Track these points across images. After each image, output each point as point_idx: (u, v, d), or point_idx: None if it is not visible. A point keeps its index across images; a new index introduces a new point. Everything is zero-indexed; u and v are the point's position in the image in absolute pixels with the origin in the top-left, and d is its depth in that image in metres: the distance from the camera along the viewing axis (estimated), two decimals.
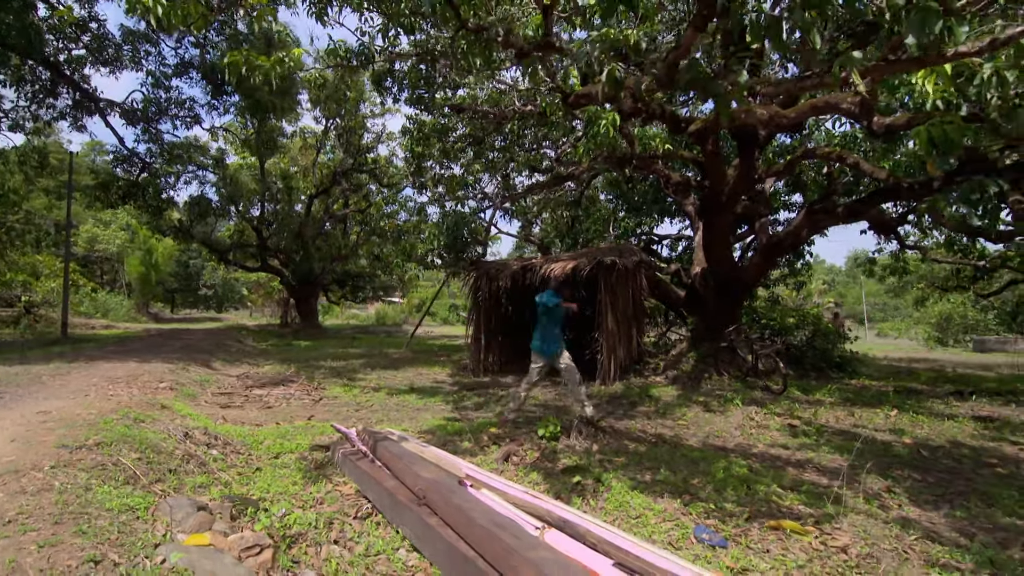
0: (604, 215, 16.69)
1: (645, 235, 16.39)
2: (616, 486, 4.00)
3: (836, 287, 76.70)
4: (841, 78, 2.69)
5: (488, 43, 4.43)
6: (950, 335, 35.19)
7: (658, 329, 16.24)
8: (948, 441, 6.56)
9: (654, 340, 15.34)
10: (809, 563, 2.90)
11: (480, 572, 2.28)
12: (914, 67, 2.86)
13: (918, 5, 2.37)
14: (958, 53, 2.53)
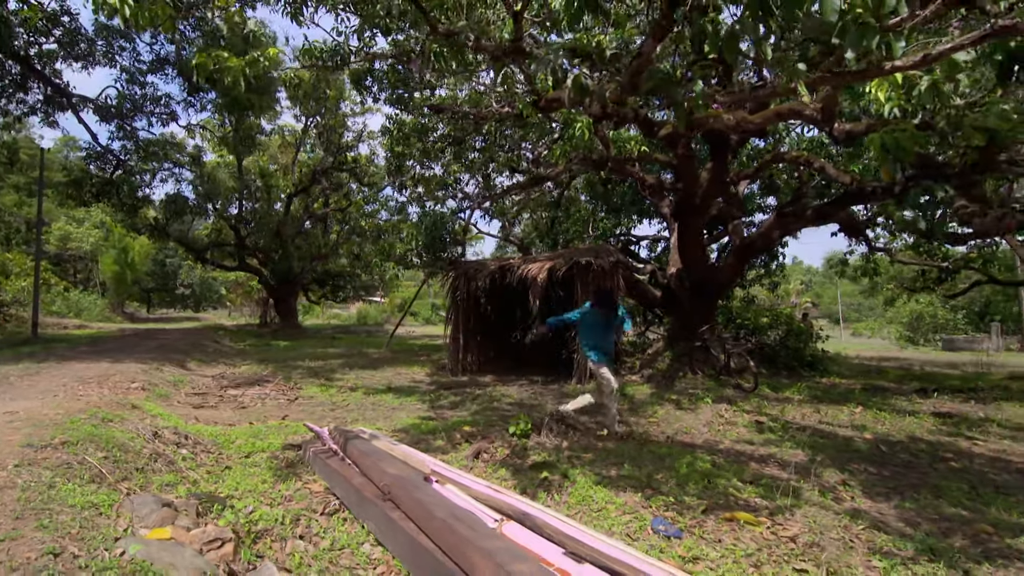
0: (584, 216, 16.87)
1: (623, 236, 16.58)
2: (581, 481, 4.11)
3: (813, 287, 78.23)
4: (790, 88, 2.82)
5: (460, 47, 4.52)
6: (921, 334, 36.13)
7: (636, 328, 16.45)
8: (907, 436, 6.80)
9: (632, 339, 15.55)
10: (758, 551, 3.03)
11: (437, 562, 2.36)
12: (856, 79, 3.02)
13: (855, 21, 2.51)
14: (895, 67, 2.68)
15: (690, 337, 11.39)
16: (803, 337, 14.15)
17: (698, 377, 10.84)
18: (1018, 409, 8.90)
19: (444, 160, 14.56)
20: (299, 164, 23.68)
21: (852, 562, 2.97)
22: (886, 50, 2.63)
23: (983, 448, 6.32)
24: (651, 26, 3.49)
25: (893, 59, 2.63)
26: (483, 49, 4.57)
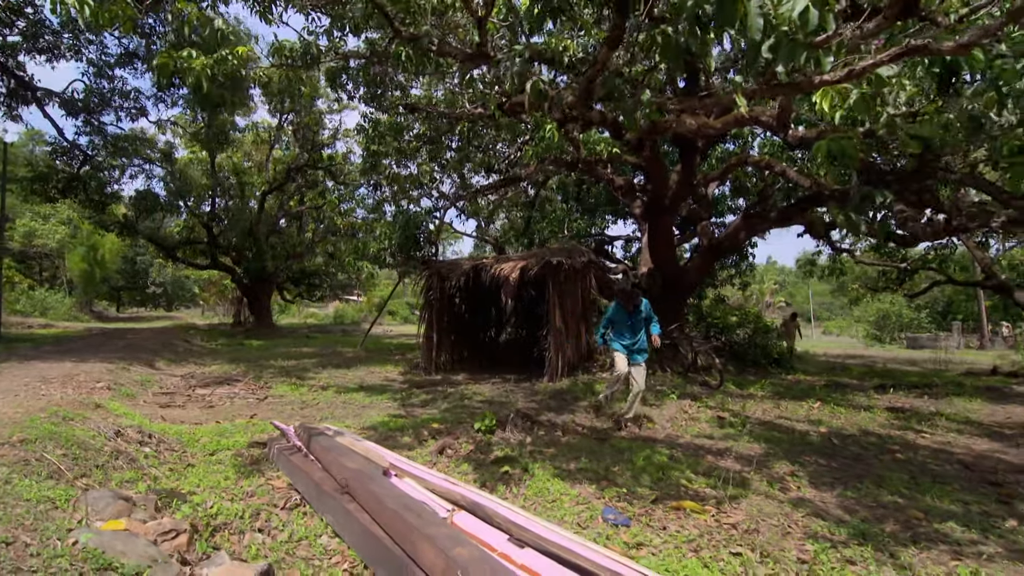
0: (559, 216, 17.05)
1: (597, 236, 16.81)
2: (539, 474, 4.25)
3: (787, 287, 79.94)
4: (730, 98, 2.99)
5: (424, 51, 4.60)
6: (887, 333, 37.24)
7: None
8: (860, 430, 7.09)
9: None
10: (699, 537, 3.20)
11: (387, 550, 2.46)
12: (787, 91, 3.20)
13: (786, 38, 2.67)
14: (823, 81, 2.86)
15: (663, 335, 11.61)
16: (771, 335, 14.57)
17: (667, 374, 11.06)
18: (967, 404, 9.32)
19: (420, 159, 14.61)
20: (274, 161, 23.42)
21: (786, 546, 3.16)
22: (815, 65, 2.80)
23: (929, 441, 6.63)
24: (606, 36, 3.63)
25: (822, 73, 2.81)
26: (447, 53, 4.67)
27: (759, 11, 2.36)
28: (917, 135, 4.17)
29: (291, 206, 23.86)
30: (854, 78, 2.82)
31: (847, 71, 2.77)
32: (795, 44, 2.66)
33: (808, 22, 2.42)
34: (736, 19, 2.38)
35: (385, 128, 13.08)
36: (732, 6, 2.40)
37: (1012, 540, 3.44)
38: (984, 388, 11.27)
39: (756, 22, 2.36)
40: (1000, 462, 5.76)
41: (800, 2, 2.38)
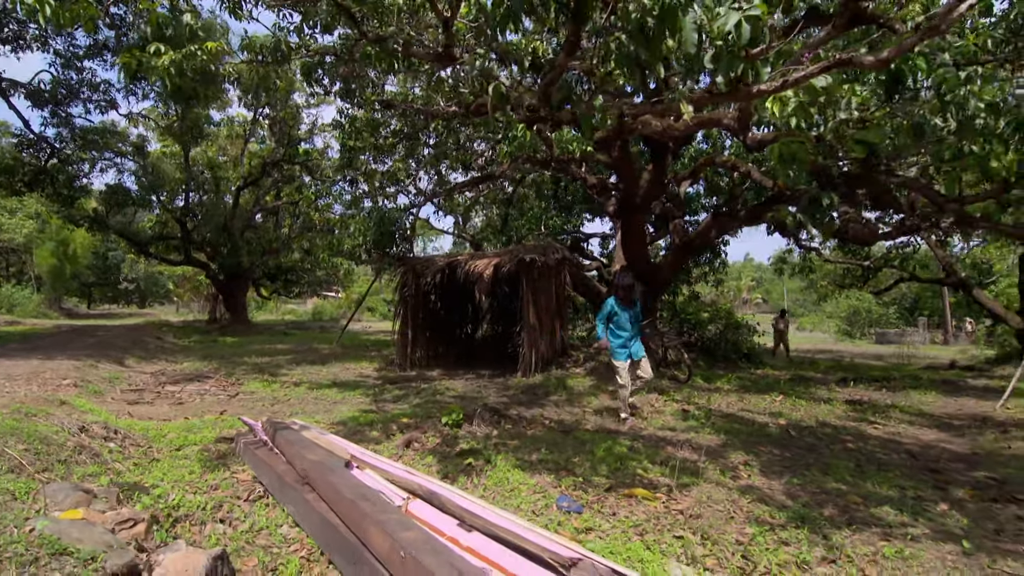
0: (537, 213, 17.20)
1: (573, 233, 16.99)
2: (500, 465, 4.38)
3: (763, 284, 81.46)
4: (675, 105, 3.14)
5: (391, 52, 4.67)
6: (857, 328, 38.28)
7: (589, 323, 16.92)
8: (817, 422, 7.38)
9: (584, 334, 16.02)
10: (645, 522, 3.37)
11: (342, 535, 2.57)
12: (729, 100, 3.37)
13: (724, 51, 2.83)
14: (760, 90, 3.03)
15: None
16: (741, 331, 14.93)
17: None
18: (922, 396, 9.72)
19: (397, 156, 14.59)
20: (249, 155, 23.12)
21: (728, 529, 3.34)
22: (754, 75, 2.97)
23: (881, 431, 6.93)
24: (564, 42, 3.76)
25: (760, 83, 2.98)
26: (414, 54, 4.75)
27: (694, 26, 2.51)
28: (862, 140, 4.39)
29: (267, 201, 23.59)
30: (789, 87, 3.00)
31: (782, 81, 2.95)
32: (733, 56, 2.82)
33: (741, 36, 2.57)
34: (675, 32, 2.52)
35: (362, 124, 13.05)
36: (671, 20, 2.54)
37: (940, 523, 3.68)
38: (940, 381, 11.74)
39: (691, 36, 2.51)
40: (944, 451, 6.07)
41: (732, 17, 2.53)
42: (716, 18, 2.60)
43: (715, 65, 2.90)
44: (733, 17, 2.55)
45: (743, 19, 2.57)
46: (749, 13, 2.56)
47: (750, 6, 2.60)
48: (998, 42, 7.27)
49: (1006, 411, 8.27)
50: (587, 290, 13.72)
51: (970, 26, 7.71)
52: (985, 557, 3.09)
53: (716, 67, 2.88)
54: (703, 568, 2.80)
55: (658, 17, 2.52)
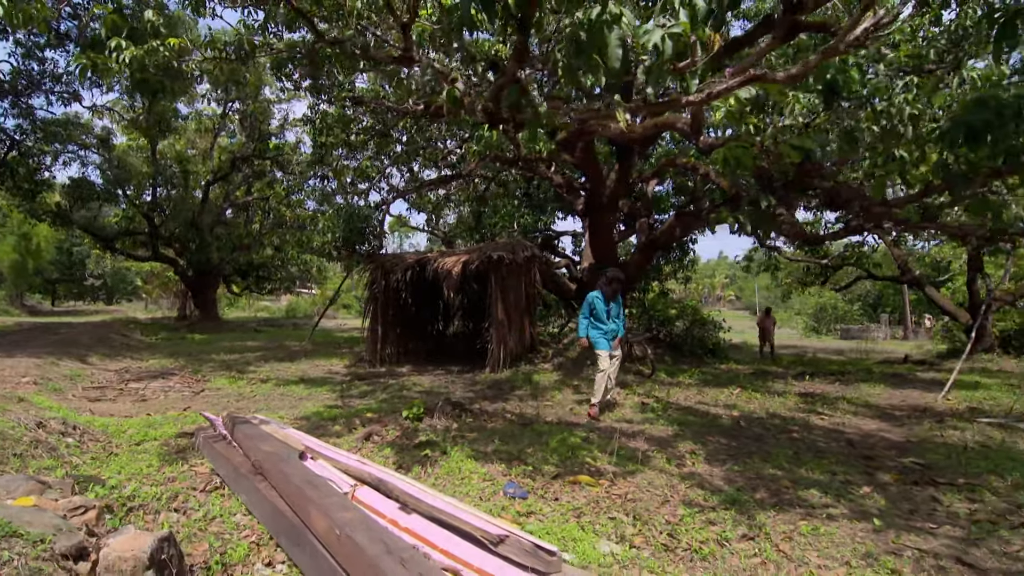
0: (509, 211, 17.38)
1: (544, 231, 17.21)
2: (455, 455, 4.55)
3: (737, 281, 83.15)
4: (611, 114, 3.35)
5: (349, 54, 4.78)
6: (823, 324, 39.48)
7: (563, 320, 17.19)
8: (768, 413, 7.70)
9: (557, 330, 16.27)
10: (585, 506, 3.58)
11: (288, 520, 2.71)
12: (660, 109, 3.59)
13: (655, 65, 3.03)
14: (688, 101, 3.25)
15: None
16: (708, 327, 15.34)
17: None
18: (871, 389, 10.17)
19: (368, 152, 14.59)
20: (219, 150, 22.78)
21: (660, 511, 3.57)
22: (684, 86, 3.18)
23: (826, 422, 7.28)
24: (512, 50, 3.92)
25: (689, 94, 3.19)
26: (372, 57, 4.87)
27: (618, 42, 2.70)
28: (798, 146, 4.66)
29: (238, 196, 23.29)
30: (713, 99, 3.22)
31: (707, 93, 3.17)
32: (662, 69, 3.02)
33: (664, 51, 2.78)
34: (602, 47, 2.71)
35: (333, 120, 13.03)
36: (599, 36, 2.73)
37: (859, 504, 3.96)
38: (890, 375, 12.27)
39: (615, 52, 2.70)
40: (881, 440, 6.42)
41: (656, 34, 2.73)
42: (641, 35, 2.79)
43: (646, 77, 3.10)
44: (656, 34, 2.75)
45: (666, 36, 2.77)
46: (672, 31, 2.77)
47: (673, 24, 2.80)
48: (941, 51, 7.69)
49: (946, 402, 8.73)
50: (557, 287, 13.96)
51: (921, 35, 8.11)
52: (892, 533, 3.37)
53: (647, 79, 3.08)
54: (630, 545, 3.01)
55: (587, 33, 2.71)
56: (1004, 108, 3.55)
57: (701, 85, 3.21)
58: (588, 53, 2.77)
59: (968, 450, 5.75)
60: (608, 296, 7.03)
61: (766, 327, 16.47)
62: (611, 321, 7.05)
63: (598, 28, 2.66)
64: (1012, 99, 3.57)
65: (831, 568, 2.82)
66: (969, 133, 3.73)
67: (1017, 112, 3.50)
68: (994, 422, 7.03)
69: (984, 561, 2.99)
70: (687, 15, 2.91)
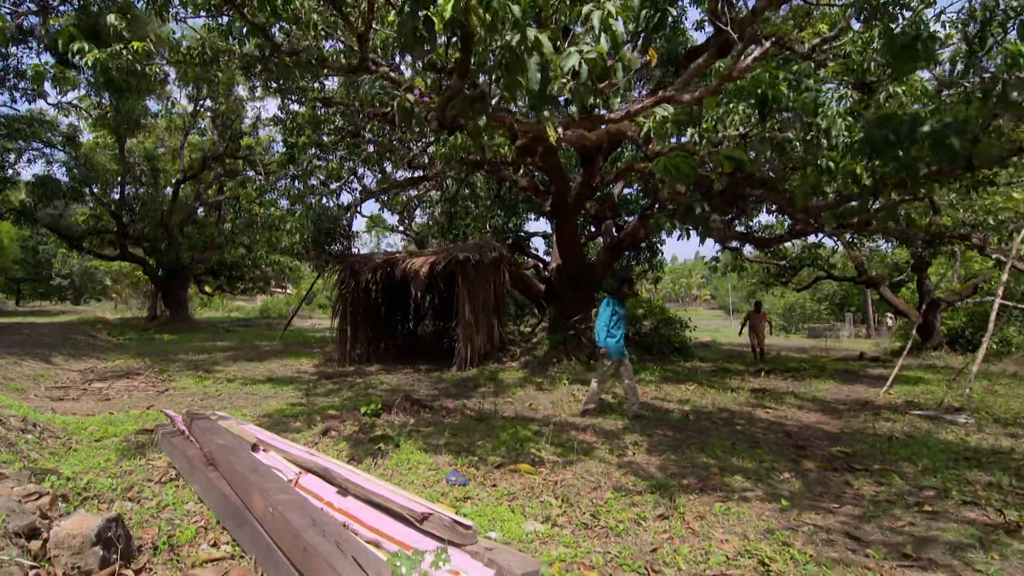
0: (481, 212, 17.63)
1: (515, 232, 17.50)
2: (405, 447, 4.79)
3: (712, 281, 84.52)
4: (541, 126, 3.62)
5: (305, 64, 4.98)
6: (792, 323, 40.60)
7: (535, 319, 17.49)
8: (718, 408, 8.08)
9: (530, 329, 16.56)
10: (520, 491, 3.85)
11: (233, 505, 2.92)
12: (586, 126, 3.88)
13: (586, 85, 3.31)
14: (610, 118, 3.54)
15: (569, 327, 12.43)
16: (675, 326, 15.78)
17: (572, 362, 11.84)
18: (821, 384, 10.67)
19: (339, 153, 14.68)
20: (190, 148, 22.55)
21: (590, 496, 3.86)
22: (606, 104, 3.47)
23: (771, 415, 7.69)
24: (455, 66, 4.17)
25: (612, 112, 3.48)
26: (330, 66, 5.07)
27: (537, 66, 2.97)
28: (730, 156, 5.00)
29: (209, 195, 23.08)
30: (632, 116, 3.52)
31: (625, 112, 3.46)
32: (585, 88, 3.31)
33: (581, 75, 3.06)
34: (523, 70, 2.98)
35: (304, 120, 13.11)
36: (520, 60, 3.00)
37: (775, 487, 4.31)
38: (843, 371, 12.85)
39: (535, 76, 2.97)
40: (818, 431, 6.83)
41: (572, 59, 3.01)
42: (561, 59, 3.07)
43: (572, 96, 3.38)
44: (573, 58, 3.03)
45: (583, 60, 3.06)
46: (588, 56, 3.05)
47: (589, 48, 3.08)
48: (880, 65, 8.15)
49: (887, 396, 9.23)
50: (526, 288, 14.26)
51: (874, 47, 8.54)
52: (796, 512, 3.71)
53: (573, 98, 3.36)
54: (553, 524, 3.29)
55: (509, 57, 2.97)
56: (900, 127, 3.92)
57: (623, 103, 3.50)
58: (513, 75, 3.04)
59: (893, 440, 6.18)
60: (623, 298, 7.26)
61: (756, 324, 14.98)
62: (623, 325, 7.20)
63: (519, 54, 2.93)
64: (907, 119, 3.94)
65: (730, 541, 3.13)
66: (872, 148, 4.11)
67: (910, 130, 3.87)
68: (924, 414, 7.51)
69: (870, 535, 3.34)
70: (608, 40, 3.20)
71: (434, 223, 18.60)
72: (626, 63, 3.42)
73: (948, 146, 3.72)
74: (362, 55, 5.24)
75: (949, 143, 3.71)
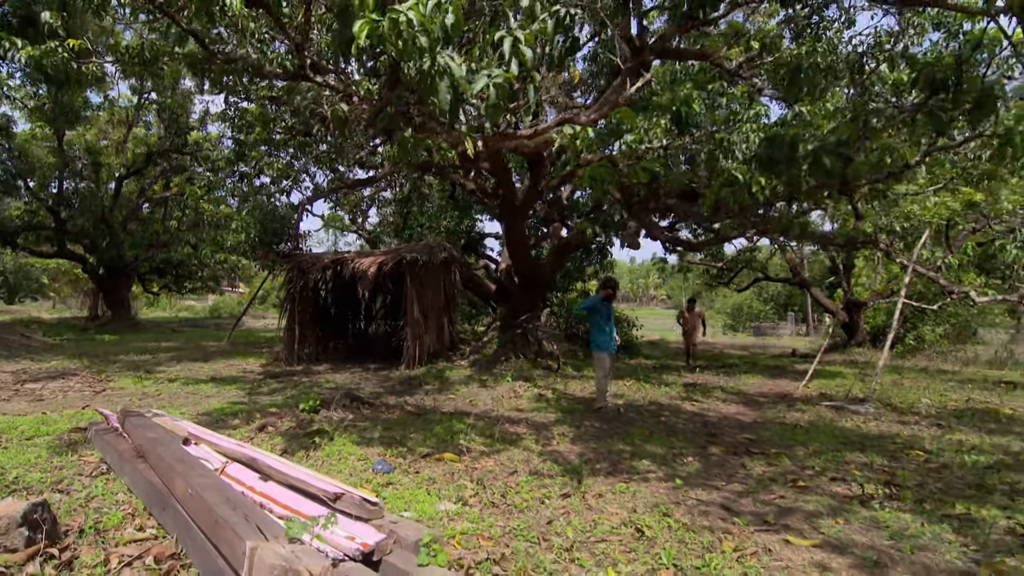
0: (435, 212, 17.82)
1: (468, 232, 17.77)
2: (338, 440, 5.03)
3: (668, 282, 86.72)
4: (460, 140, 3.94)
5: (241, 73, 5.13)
6: (740, 323, 42.33)
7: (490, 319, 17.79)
8: (650, 401, 8.58)
9: (484, 328, 16.86)
10: (440, 477, 4.16)
11: (159, 492, 3.13)
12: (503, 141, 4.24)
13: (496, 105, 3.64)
14: (520, 135, 3.89)
15: (516, 325, 12.79)
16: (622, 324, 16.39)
17: (520, 360, 12.19)
18: (750, 379, 11.39)
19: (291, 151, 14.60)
20: (134, 141, 21.83)
21: (505, 479, 4.21)
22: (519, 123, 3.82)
23: (696, 407, 8.24)
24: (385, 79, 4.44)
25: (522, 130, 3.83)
26: (267, 75, 5.24)
27: (448, 88, 3.29)
28: (645, 168, 5.44)
29: (154, 191, 22.40)
30: (540, 135, 3.89)
31: (533, 130, 3.82)
32: (496, 108, 3.65)
33: (490, 96, 3.40)
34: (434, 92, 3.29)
35: (253, 118, 13.00)
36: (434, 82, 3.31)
37: (676, 469, 4.76)
38: (773, 367, 13.70)
39: (445, 96, 3.28)
40: (734, 421, 7.40)
41: (480, 82, 3.35)
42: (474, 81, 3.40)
43: (486, 115, 3.72)
44: (481, 82, 3.36)
45: (491, 84, 3.40)
46: (495, 81, 3.39)
47: (497, 73, 3.43)
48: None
49: (805, 390, 9.97)
50: (477, 288, 14.57)
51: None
52: (687, 490, 4.15)
53: (487, 116, 3.69)
54: (464, 504, 3.62)
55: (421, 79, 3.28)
56: (782, 147, 4.42)
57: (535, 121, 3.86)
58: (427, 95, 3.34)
59: (797, 428, 6.78)
60: (610, 300, 7.73)
61: (689, 323, 13.51)
62: (610, 323, 7.72)
63: (430, 77, 3.24)
64: (788, 140, 4.45)
65: (619, 514, 3.53)
66: (760, 165, 4.60)
67: (790, 150, 4.38)
68: (833, 405, 8.21)
69: (743, 507, 3.81)
70: (517, 64, 3.54)
71: (387, 223, 18.68)
72: (537, 85, 3.77)
73: (823, 165, 4.22)
74: (300, 63, 5.43)
75: (823, 162, 4.22)
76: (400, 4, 3.18)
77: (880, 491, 4.09)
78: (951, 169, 10.90)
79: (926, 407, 8.02)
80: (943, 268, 10.20)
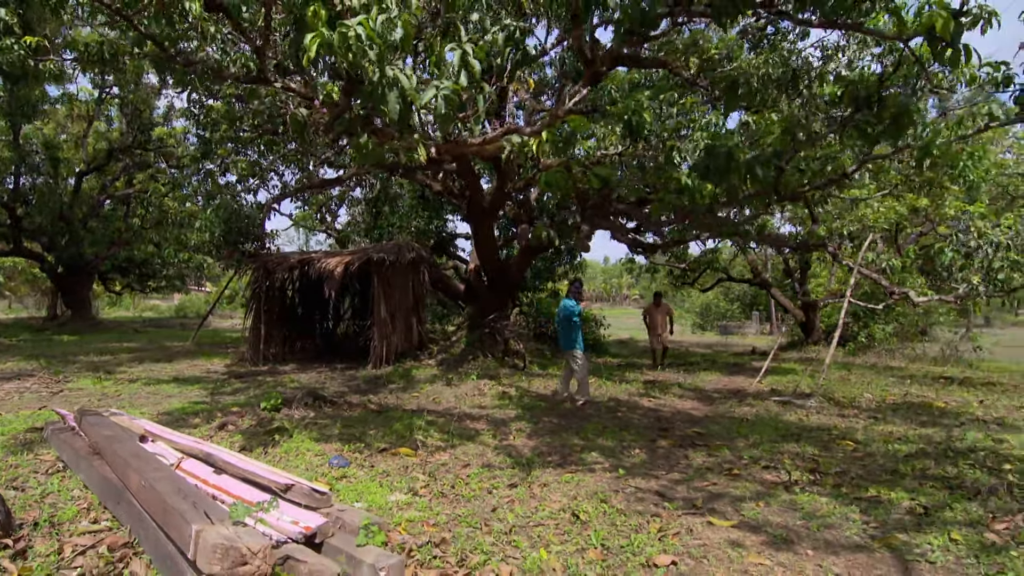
0: (405, 212, 17.88)
1: (438, 232, 17.89)
2: (297, 437, 5.16)
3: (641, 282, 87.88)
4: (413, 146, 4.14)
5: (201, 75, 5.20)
6: (708, 322, 43.31)
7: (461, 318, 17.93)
8: (610, 398, 8.87)
9: (454, 328, 16.99)
10: (394, 471, 4.34)
11: (114, 486, 3.23)
12: (456, 148, 4.45)
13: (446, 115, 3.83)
14: (470, 143, 4.09)
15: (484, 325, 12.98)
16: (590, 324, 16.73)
17: (488, 359, 12.38)
18: (708, 376, 11.79)
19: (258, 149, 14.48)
20: (95, 136, 21.28)
21: (457, 472, 4.40)
22: (469, 132, 4.01)
23: (652, 403, 8.56)
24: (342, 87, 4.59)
25: (472, 138, 4.03)
26: (227, 77, 5.32)
27: (397, 98, 3.46)
28: (598, 174, 5.70)
29: (116, 188, 21.87)
30: (489, 143, 4.10)
31: (482, 138, 4.03)
32: (447, 118, 3.84)
33: (437, 108, 3.59)
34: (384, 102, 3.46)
35: (219, 115, 12.86)
36: (384, 93, 3.48)
37: (621, 461, 5.03)
38: (732, 364, 14.18)
39: (394, 107, 3.46)
40: (687, 416, 7.72)
41: (428, 94, 3.54)
42: (424, 93, 3.58)
43: (437, 124, 3.91)
44: (430, 93, 3.55)
45: (439, 95, 3.59)
46: (444, 93, 3.59)
47: (446, 85, 3.62)
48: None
49: (758, 386, 10.41)
50: (446, 288, 14.73)
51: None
52: (628, 479, 4.41)
53: (437, 125, 3.88)
54: (414, 495, 3.80)
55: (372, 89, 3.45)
56: (719, 157, 4.72)
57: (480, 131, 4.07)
58: (377, 104, 3.52)
59: (744, 421, 7.14)
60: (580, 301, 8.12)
61: (653, 320, 12.71)
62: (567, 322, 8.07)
63: (381, 87, 3.41)
64: (724, 150, 4.75)
65: (560, 502, 3.77)
66: (700, 173, 4.89)
67: (727, 160, 4.67)
68: (781, 400, 8.62)
69: (677, 493, 4.08)
70: (466, 76, 3.74)
71: (356, 222, 18.66)
72: (487, 96, 3.98)
73: (756, 175, 4.53)
74: (260, 66, 5.53)
75: (756, 172, 4.52)
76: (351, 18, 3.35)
77: (804, 477, 4.41)
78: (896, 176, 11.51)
79: (867, 401, 8.50)
80: (887, 270, 10.74)
